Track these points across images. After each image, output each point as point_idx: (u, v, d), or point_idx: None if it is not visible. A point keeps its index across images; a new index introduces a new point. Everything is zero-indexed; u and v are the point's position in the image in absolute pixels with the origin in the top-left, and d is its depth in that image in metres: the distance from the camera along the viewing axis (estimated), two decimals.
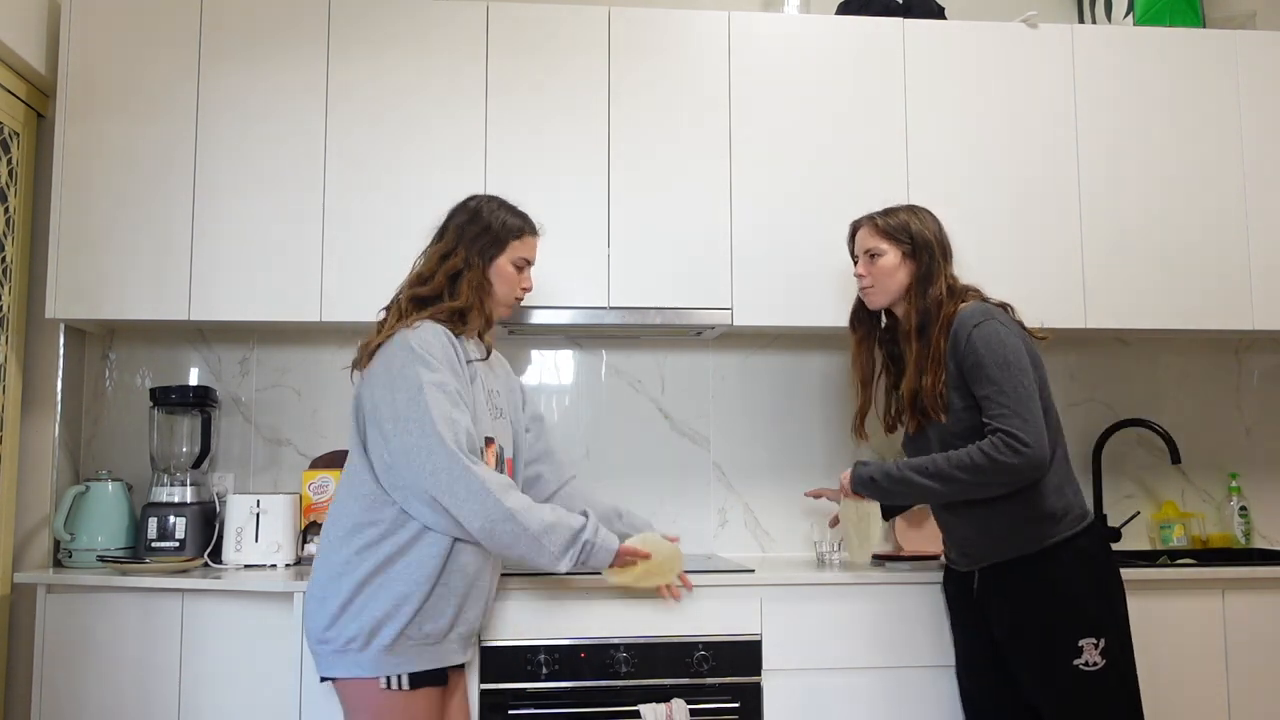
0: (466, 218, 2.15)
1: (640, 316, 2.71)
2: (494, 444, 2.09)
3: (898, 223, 2.26)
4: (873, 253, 2.27)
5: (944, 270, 2.23)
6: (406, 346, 1.97)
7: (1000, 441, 2.02)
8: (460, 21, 2.74)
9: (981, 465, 2.03)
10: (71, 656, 2.44)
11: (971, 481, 2.05)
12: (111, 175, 2.63)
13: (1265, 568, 2.61)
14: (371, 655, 1.91)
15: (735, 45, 2.81)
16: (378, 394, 1.97)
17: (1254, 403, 3.22)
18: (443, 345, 1.99)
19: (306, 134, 2.68)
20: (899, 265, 2.24)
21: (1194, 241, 2.86)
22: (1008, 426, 2.02)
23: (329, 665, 1.96)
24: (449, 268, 2.09)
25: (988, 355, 2.06)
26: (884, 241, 2.26)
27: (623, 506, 2.40)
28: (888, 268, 2.25)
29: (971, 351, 2.08)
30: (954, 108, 2.84)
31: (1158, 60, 2.91)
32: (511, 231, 2.15)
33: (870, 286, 2.29)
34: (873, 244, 2.27)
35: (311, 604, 1.98)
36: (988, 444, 2.04)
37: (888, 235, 2.26)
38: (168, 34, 2.68)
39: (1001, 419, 2.03)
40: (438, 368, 1.96)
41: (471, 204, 2.18)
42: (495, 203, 2.19)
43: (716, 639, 2.37)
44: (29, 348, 2.76)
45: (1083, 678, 2.03)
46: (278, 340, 2.95)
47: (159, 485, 2.71)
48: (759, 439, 3.06)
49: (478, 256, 2.11)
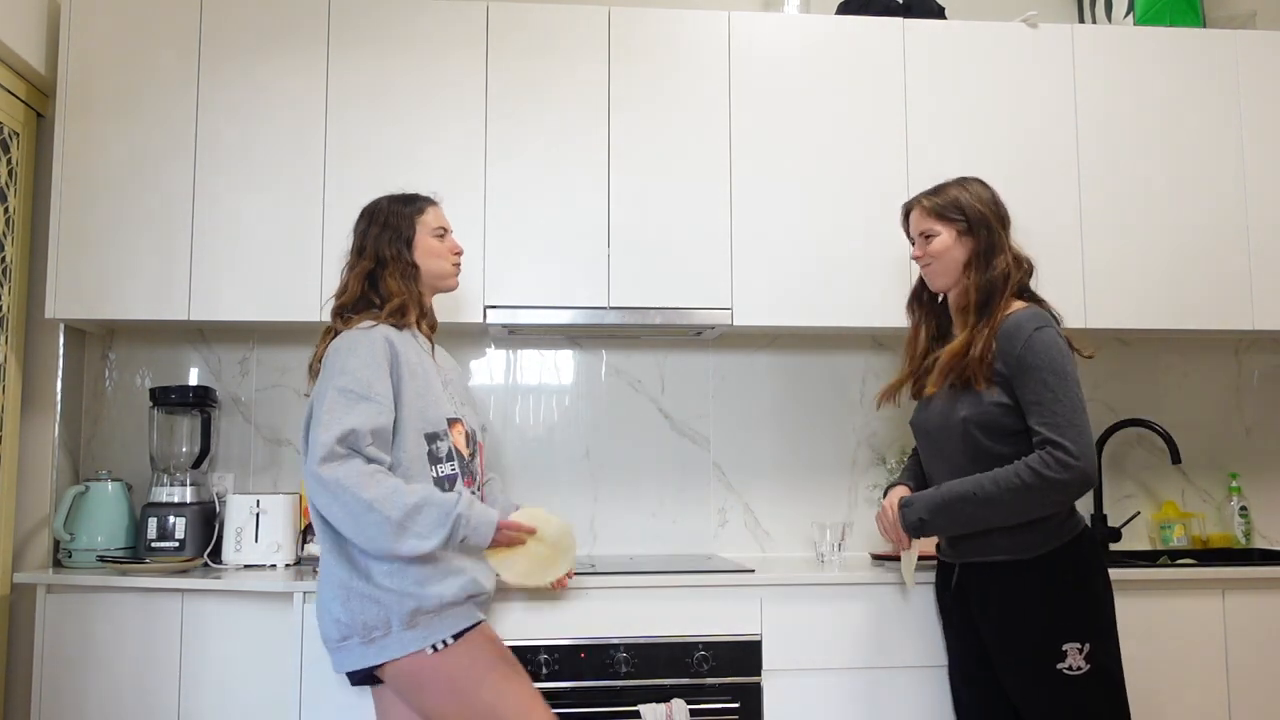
0: (366, 223, 2.19)
1: (640, 316, 2.71)
2: (460, 423, 2.11)
3: (947, 200, 2.17)
4: (927, 234, 2.19)
5: (1005, 241, 2.15)
6: (335, 350, 2.01)
7: (1050, 457, 1.95)
8: (460, 21, 2.74)
9: (1031, 484, 1.96)
10: (71, 656, 2.44)
11: (1021, 503, 1.99)
12: (111, 175, 2.63)
13: (1265, 568, 2.61)
14: (398, 635, 1.93)
15: (735, 45, 2.81)
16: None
17: (1254, 403, 3.22)
18: (368, 345, 1.99)
19: (306, 134, 2.68)
20: (954, 244, 2.16)
21: (1194, 241, 2.86)
22: (1058, 437, 1.95)
23: (360, 658, 1.94)
24: (360, 271, 2.13)
25: (1046, 360, 1.99)
26: (936, 222, 2.18)
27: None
28: (943, 248, 2.17)
29: (1030, 353, 2.00)
30: (954, 108, 2.84)
31: (1158, 60, 2.91)
32: (412, 210, 2.19)
33: (929, 267, 2.20)
34: (925, 226, 2.19)
35: (322, 610, 2.01)
36: (1036, 460, 1.97)
37: (939, 215, 2.18)
38: (168, 34, 2.68)
39: (1052, 428, 1.96)
40: (349, 369, 1.96)
41: (365, 210, 2.22)
42: (385, 199, 2.22)
43: (716, 639, 2.37)
44: (29, 348, 2.76)
45: (1066, 681, 2.00)
46: (278, 340, 2.95)
47: (159, 485, 2.71)
48: (759, 439, 3.06)
49: (389, 247, 2.13)
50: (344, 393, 1.94)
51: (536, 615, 2.34)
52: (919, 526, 2.14)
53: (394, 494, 1.90)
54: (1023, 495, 1.98)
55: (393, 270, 2.13)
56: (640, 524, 3.00)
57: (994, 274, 2.11)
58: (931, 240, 2.18)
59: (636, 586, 2.40)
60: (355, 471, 1.90)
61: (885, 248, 2.75)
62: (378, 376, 1.97)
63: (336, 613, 1.96)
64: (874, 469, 3.06)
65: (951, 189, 2.20)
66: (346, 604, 1.95)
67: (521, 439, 2.99)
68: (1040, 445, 1.98)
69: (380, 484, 1.90)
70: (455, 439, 2.08)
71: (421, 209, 2.20)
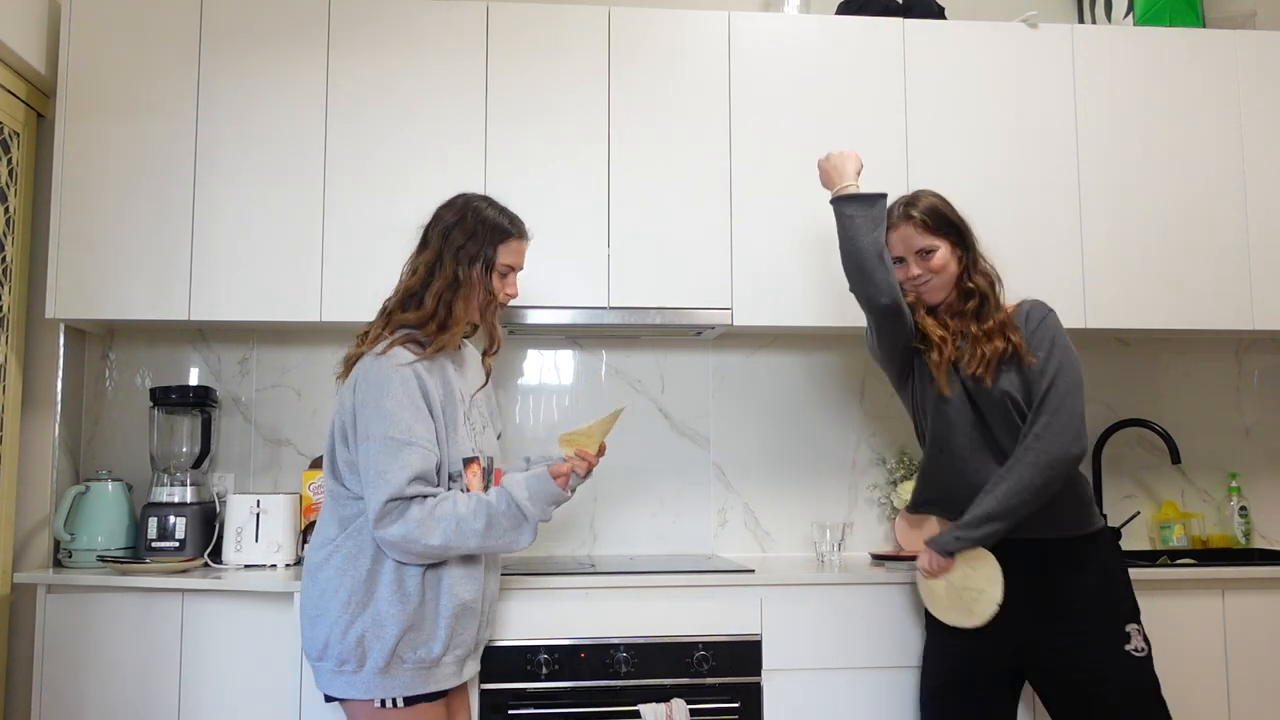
0: (453, 220, 2.05)
1: (640, 316, 2.71)
2: (476, 462, 2.04)
3: (937, 215, 2.19)
4: (927, 250, 2.19)
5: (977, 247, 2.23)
6: (368, 383, 1.93)
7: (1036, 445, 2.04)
8: (460, 21, 2.74)
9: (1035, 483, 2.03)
10: (71, 656, 2.44)
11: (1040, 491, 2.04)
12: (111, 175, 2.63)
13: (1265, 568, 2.61)
14: (365, 677, 1.90)
15: (735, 45, 2.81)
16: (346, 420, 1.97)
17: (1254, 403, 3.22)
18: (403, 383, 1.92)
19: (306, 134, 2.68)
20: (950, 256, 2.19)
21: (1194, 241, 2.86)
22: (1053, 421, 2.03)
23: (327, 683, 1.95)
24: (437, 289, 2.00)
25: (1058, 337, 2.10)
26: (934, 237, 2.19)
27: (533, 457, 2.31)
28: (942, 262, 2.19)
29: (1046, 329, 2.11)
30: (954, 108, 2.84)
31: (1158, 60, 2.91)
32: (499, 236, 2.05)
33: (928, 283, 2.20)
34: (924, 242, 2.18)
35: (305, 621, 1.97)
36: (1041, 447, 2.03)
37: (934, 230, 2.19)
38: (168, 34, 2.68)
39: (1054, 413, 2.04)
40: (390, 412, 1.89)
41: (459, 203, 2.08)
42: (483, 203, 2.08)
43: (716, 639, 2.37)
44: (29, 348, 2.76)
45: (1135, 664, 2.04)
46: (278, 340, 2.95)
47: (159, 485, 2.71)
48: (759, 439, 3.06)
49: (465, 266, 2.01)
50: (387, 442, 1.88)
51: (537, 615, 2.35)
52: (954, 543, 2.12)
53: (459, 528, 1.89)
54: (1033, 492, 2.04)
55: (466, 293, 2.02)
56: (640, 524, 3.00)
57: (980, 278, 2.19)
58: (931, 256, 2.19)
59: (636, 586, 2.40)
60: (415, 522, 1.87)
61: None
62: (417, 418, 1.91)
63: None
64: (874, 469, 3.06)
65: (926, 198, 2.23)
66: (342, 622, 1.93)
67: (521, 439, 2.99)
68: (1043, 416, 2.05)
69: (442, 524, 1.88)
70: (470, 479, 2.01)
71: (508, 238, 2.06)
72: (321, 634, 1.93)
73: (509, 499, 1.93)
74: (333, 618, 1.91)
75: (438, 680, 1.96)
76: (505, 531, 1.93)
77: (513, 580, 2.36)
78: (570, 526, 2.97)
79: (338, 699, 1.96)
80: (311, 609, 1.96)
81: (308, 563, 2.01)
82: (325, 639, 1.92)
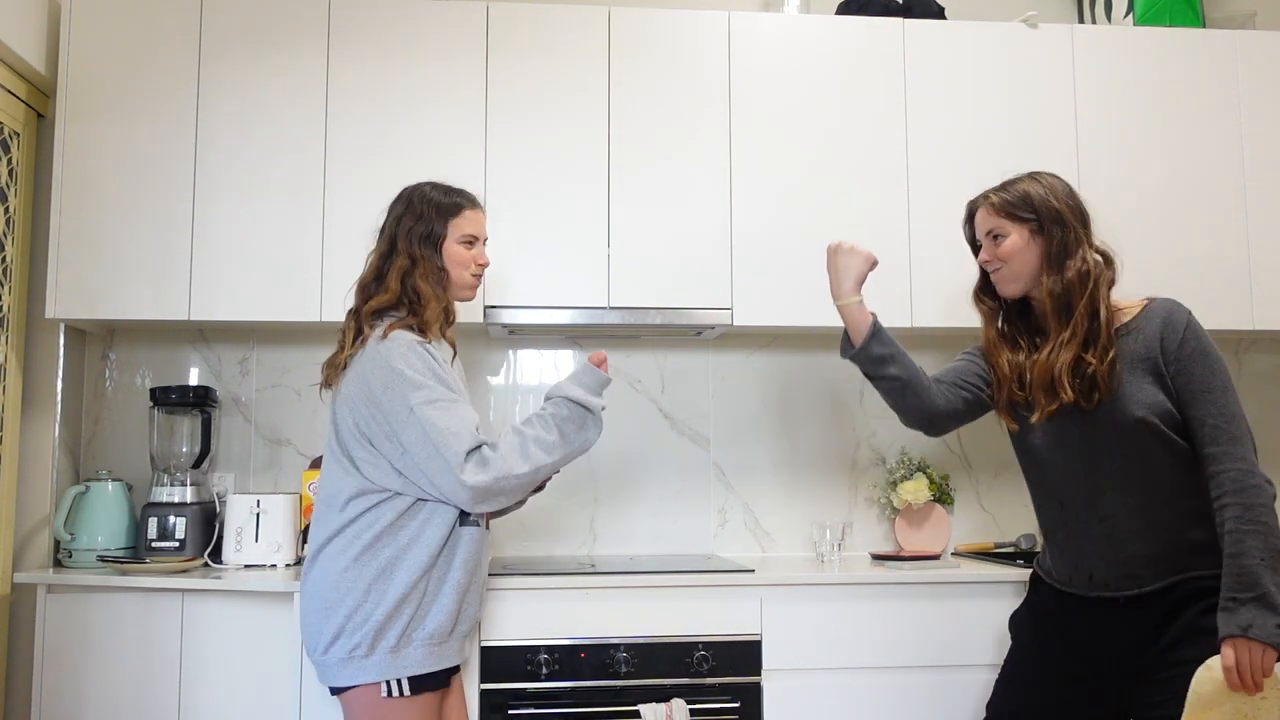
0: (401, 209, 2.08)
1: (640, 316, 2.71)
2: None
3: (1017, 196, 1.96)
4: (995, 234, 1.98)
5: (1085, 240, 1.94)
6: (385, 366, 1.93)
7: (1247, 483, 1.76)
8: (460, 21, 2.74)
9: (1262, 508, 1.74)
10: (71, 656, 2.44)
11: (1270, 525, 1.73)
12: (111, 175, 2.63)
13: None
14: (376, 660, 1.90)
15: (735, 45, 2.81)
16: (360, 412, 1.95)
17: (1254, 403, 3.22)
18: (420, 356, 1.94)
19: (306, 134, 2.68)
20: (1027, 244, 1.95)
21: (1194, 241, 2.86)
22: (1241, 452, 1.78)
23: (335, 675, 1.93)
24: (398, 269, 2.03)
25: (1211, 348, 1.84)
26: (1006, 220, 1.96)
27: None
28: (1014, 249, 1.95)
29: (1194, 338, 1.85)
30: (954, 108, 2.84)
31: (1158, 60, 2.91)
32: (448, 211, 2.08)
33: (999, 271, 1.98)
34: (994, 224, 1.98)
35: (312, 616, 1.94)
36: (1244, 496, 1.74)
37: (1009, 213, 1.96)
38: (167, 34, 2.68)
39: (1234, 445, 1.78)
40: (422, 382, 1.91)
41: (404, 194, 2.12)
42: (426, 186, 2.12)
43: (716, 639, 2.37)
44: (29, 348, 2.76)
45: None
46: (278, 340, 2.95)
47: (159, 485, 2.71)
48: (759, 439, 3.06)
49: (420, 247, 2.04)
50: (431, 406, 1.89)
51: (536, 615, 2.35)
52: (1276, 635, 1.68)
53: (540, 448, 1.95)
54: (1270, 531, 1.73)
55: (423, 271, 2.04)
56: (640, 524, 3.00)
57: (1069, 276, 1.91)
58: (1001, 241, 1.97)
59: (636, 586, 2.40)
60: (498, 461, 1.90)
61: (885, 247, 2.74)
62: (444, 382, 1.94)
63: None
64: (874, 469, 3.06)
65: (1023, 183, 1.99)
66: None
67: None
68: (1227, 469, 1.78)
69: (521, 451, 1.93)
70: None
71: (459, 209, 2.09)
72: (334, 624, 1.91)
73: (566, 401, 2.02)
74: (350, 606, 1.90)
75: (447, 656, 1.97)
76: (576, 433, 2.00)
77: (513, 580, 2.36)
78: (570, 526, 2.98)
79: (344, 689, 1.93)
80: (322, 601, 1.93)
81: (317, 556, 1.97)
82: (338, 628, 1.90)
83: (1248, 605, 1.69)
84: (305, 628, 1.96)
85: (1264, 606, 1.68)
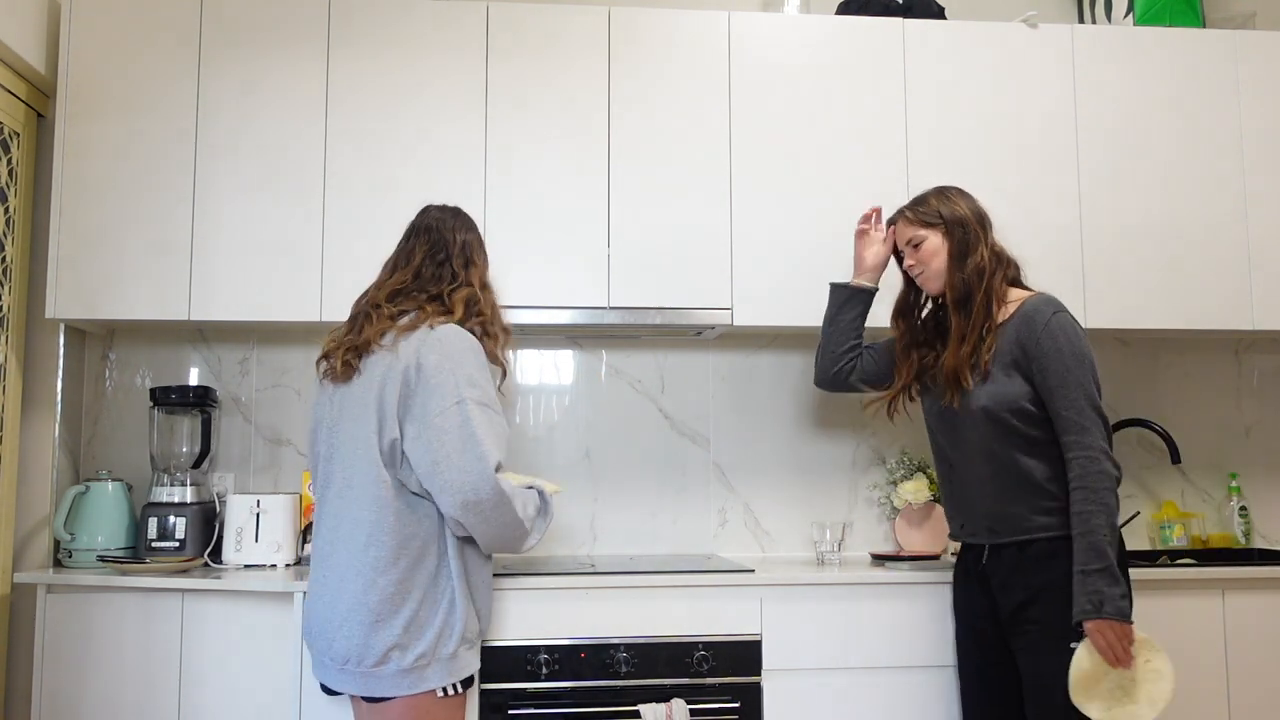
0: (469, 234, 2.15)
1: (640, 316, 2.71)
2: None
3: (926, 208, 2.29)
4: (914, 242, 2.29)
5: (984, 240, 2.23)
6: (454, 345, 1.94)
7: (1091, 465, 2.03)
8: (460, 21, 2.74)
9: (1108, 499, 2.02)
10: (71, 656, 2.44)
11: (1111, 505, 2.03)
12: (111, 175, 2.63)
13: (1265, 568, 2.61)
14: (437, 668, 1.90)
15: (735, 45, 2.81)
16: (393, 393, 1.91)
17: (1254, 403, 3.22)
18: (482, 356, 1.98)
19: (306, 134, 2.68)
20: (940, 247, 2.25)
21: (1194, 241, 2.86)
22: (1088, 439, 2.04)
23: (392, 685, 1.89)
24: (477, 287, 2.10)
25: (1066, 345, 2.08)
26: (920, 229, 2.28)
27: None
28: (930, 251, 2.27)
29: (1049, 337, 2.09)
30: (954, 108, 2.84)
31: (1158, 60, 2.91)
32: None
33: (921, 274, 2.30)
34: (911, 233, 2.30)
35: (356, 629, 1.88)
36: (1090, 476, 2.02)
37: (921, 222, 2.28)
38: (168, 34, 2.68)
39: (1082, 432, 2.05)
40: (478, 380, 1.93)
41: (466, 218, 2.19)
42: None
43: (716, 639, 2.37)
44: (29, 348, 2.76)
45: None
46: (278, 340, 2.95)
47: (159, 485, 2.71)
48: (759, 439, 3.06)
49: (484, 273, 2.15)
50: (482, 408, 1.91)
51: (536, 615, 2.35)
52: (1121, 604, 1.99)
53: (526, 504, 1.98)
54: (1108, 508, 2.03)
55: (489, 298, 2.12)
56: (640, 524, 3.00)
57: (968, 272, 2.20)
58: (920, 246, 2.28)
59: (636, 586, 2.40)
60: (513, 490, 1.94)
61: None
62: (493, 388, 1.99)
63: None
64: (874, 469, 3.06)
65: (931, 198, 2.31)
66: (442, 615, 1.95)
67: (521, 439, 2.99)
68: (1072, 452, 2.05)
69: (520, 497, 1.96)
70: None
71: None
72: (388, 636, 1.87)
73: (542, 495, 2.07)
74: (406, 616, 1.88)
75: (477, 657, 2.02)
76: (538, 519, 2.03)
77: (513, 580, 2.36)
78: (570, 526, 2.98)
79: (395, 698, 1.90)
80: (371, 614, 1.88)
81: (365, 564, 1.90)
82: (394, 640, 1.87)
83: (1095, 575, 1.98)
84: (344, 639, 1.89)
85: (1109, 577, 1.97)
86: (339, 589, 1.92)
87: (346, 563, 1.92)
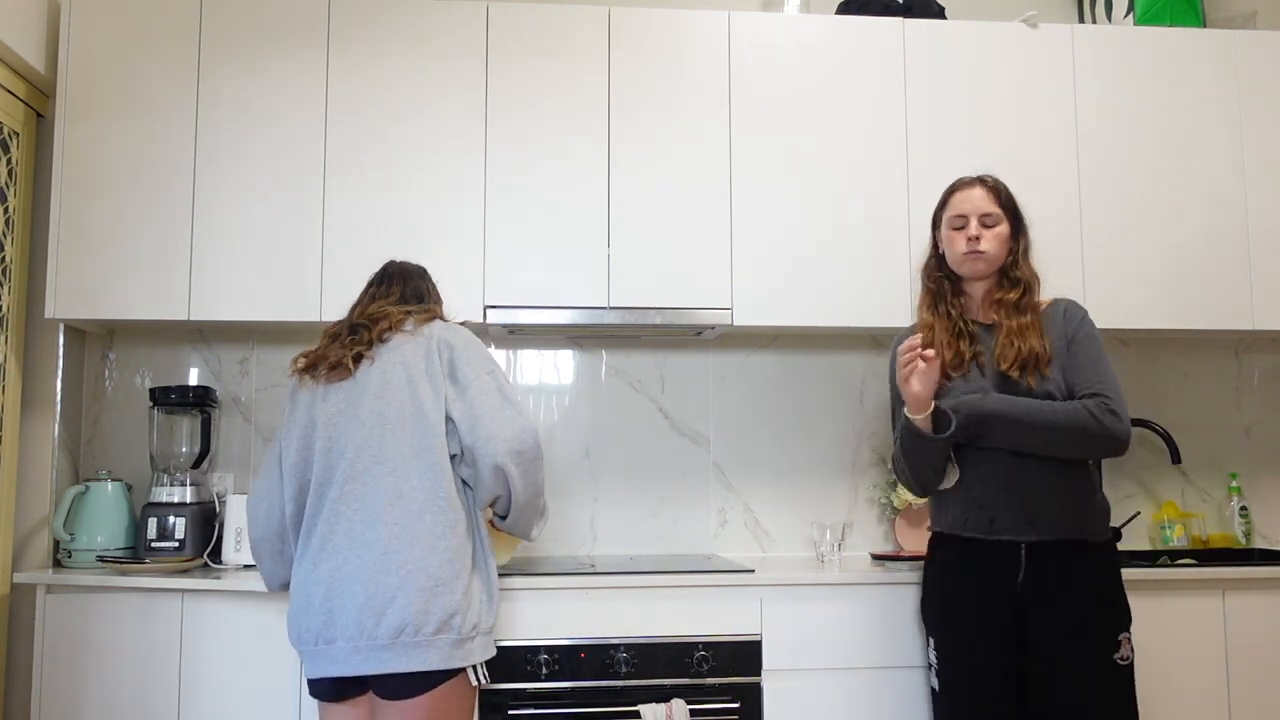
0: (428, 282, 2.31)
1: (640, 316, 2.71)
2: None
3: (1008, 194, 2.22)
4: (990, 220, 2.19)
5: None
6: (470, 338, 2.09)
7: (1104, 405, 2.05)
8: (460, 21, 2.74)
9: (1086, 424, 2.04)
10: (71, 656, 2.44)
11: (1074, 439, 2.05)
12: (111, 175, 2.63)
13: (1265, 568, 2.61)
14: (481, 641, 1.97)
15: (735, 45, 2.81)
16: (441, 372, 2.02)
17: (1254, 403, 3.22)
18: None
19: (306, 134, 2.68)
20: (1007, 237, 2.20)
21: (1194, 241, 2.86)
22: (1108, 392, 2.06)
23: (445, 657, 1.89)
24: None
25: (1098, 338, 2.15)
26: (1000, 209, 2.19)
27: None
28: (1000, 236, 2.18)
29: (1086, 324, 2.16)
30: (954, 108, 2.84)
31: (1158, 60, 2.91)
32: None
33: (980, 251, 2.17)
34: (991, 209, 2.19)
35: (419, 596, 1.89)
36: (1094, 404, 2.05)
37: (1003, 205, 2.20)
38: (167, 34, 2.68)
39: (1104, 387, 2.07)
40: (497, 368, 2.09)
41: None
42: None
43: (716, 639, 2.37)
44: (29, 348, 2.76)
45: (1119, 672, 2.04)
46: (278, 340, 2.95)
47: (159, 485, 2.71)
48: (759, 439, 3.06)
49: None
50: (505, 386, 2.07)
51: (536, 615, 2.35)
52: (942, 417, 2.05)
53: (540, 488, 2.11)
54: (1078, 432, 2.05)
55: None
56: (640, 524, 3.00)
57: (1025, 273, 2.19)
58: (994, 227, 2.19)
59: (636, 586, 2.40)
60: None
61: (885, 247, 2.75)
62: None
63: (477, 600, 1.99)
64: (874, 469, 3.06)
65: (1005, 187, 2.23)
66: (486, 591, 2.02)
67: None
68: (1091, 396, 2.07)
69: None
70: None
71: None
72: (449, 602, 1.91)
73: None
74: (465, 583, 1.94)
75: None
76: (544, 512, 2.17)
77: (513, 580, 2.36)
78: (570, 526, 2.98)
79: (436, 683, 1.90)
80: (431, 579, 1.90)
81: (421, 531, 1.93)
82: (454, 607, 1.91)
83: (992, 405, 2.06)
84: (399, 608, 1.88)
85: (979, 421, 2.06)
86: (381, 565, 1.90)
87: (390, 537, 1.92)
